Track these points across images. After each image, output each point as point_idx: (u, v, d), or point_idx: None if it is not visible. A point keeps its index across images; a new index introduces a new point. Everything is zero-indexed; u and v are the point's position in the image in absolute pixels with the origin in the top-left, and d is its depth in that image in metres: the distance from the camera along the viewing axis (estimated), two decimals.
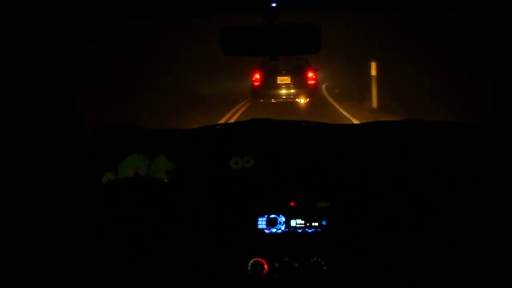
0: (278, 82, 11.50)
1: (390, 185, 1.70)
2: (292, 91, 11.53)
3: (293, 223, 1.71)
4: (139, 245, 1.62)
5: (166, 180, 1.81)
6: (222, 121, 9.43)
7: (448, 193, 1.66)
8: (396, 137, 1.81)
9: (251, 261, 1.65)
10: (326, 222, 1.69)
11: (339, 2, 1.79)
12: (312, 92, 11.62)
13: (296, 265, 1.64)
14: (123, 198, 1.63)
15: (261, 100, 11.77)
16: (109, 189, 1.71)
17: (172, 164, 1.82)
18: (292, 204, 1.74)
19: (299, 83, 11.50)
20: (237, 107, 12.09)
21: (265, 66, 11.43)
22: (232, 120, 9.58)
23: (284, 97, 11.52)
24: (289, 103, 11.72)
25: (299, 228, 1.70)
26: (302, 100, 11.74)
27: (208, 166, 1.79)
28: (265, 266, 1.64)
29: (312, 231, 1.69)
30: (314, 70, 11.75)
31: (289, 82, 11.50)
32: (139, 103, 9.40)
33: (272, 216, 1.71)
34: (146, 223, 1.62)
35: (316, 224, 1.69)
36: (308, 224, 1.70)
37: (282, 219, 1.71)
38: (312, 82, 11.56)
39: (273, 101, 11.59)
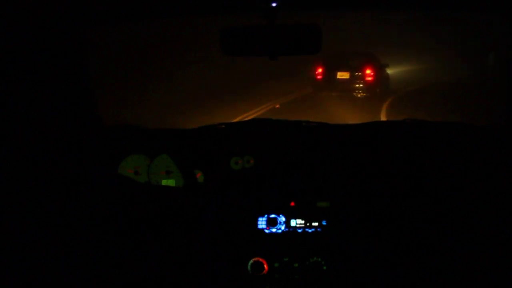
0: (338, 77, 11.81)
1: (390, 185, 1.70)
2: (349, 86, 11.79)
3: (293, 223, 1.71)
4: (139, 245, 1.62)
5: (167, 180, 1.82)
6: None
7: (448, 193, 1.66)
8: (396, 137, 1.81)
9: (251, 261, 1.65)
10: (326, 222, 1.69)
11: (340, 2, 1.79)
12: (369, 89, 11.81)
13: (296, 265, 1.65)
14: (123, 198, 1.63)
15: (322, 93, 12.07)
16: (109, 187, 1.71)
17: (173, 164, 1.82)
18: (292, 204, 1.74)
19: (357, 80, 11.74)
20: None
21: (327, 60, 11.75)
22: None
23: (342, 91, 11.77)
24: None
25: (299, 228, 1.70)
26: (359, 96, 11.90)
27: (208, 166, 1.79)
28: (265, 266, 1.64)
29: (312, 231, 1.69)
30: (376, 68, 11.92)
31: (348, 77, 11.76)
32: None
33: (272, 216, 1.71)
34: (146, 223, 1.62)
35: (316, 224, 1.69)
36: (308, 224, 1.70)
37: (282, 219, 1.71)
38: (369, 79, 11.76)
39: (333, 94, 11.82)
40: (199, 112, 9.18)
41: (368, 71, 11.78)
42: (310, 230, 1.69)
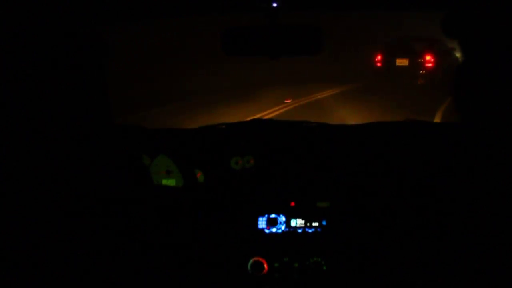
0: (397, 64, 11.52)
1: (390, 185, 1.71)
2: (409, 73, 11.40)
3: (293, 223, 1.71)
4: (139, 245, 1.62)
5: (167, 180, 1.82)
6: None
7: (448, 193, 1.66)
8: (396, 138, 1.81)
9: (251, 261, 1.65)
10: (326, 222, 1.69)
11: (340, 2, 1.79)
12: (429, 76, 11.33)
13: (296, 265, 1.65)
14: (124, 197, 1.64)
15: (382, 81, 11.68)
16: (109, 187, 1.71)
17: (173, 164, 1.82)
18: (292, 204, 1.74)
19: (417, 66, 11.36)
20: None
21: (386, 47, 11.55)
22: None
23: (402, 78, 11.39)
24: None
25: (299, 228, 1.70)
26: (418, 83, 11.47)
27: (209, 166, 1.80)
28: (265, 266, 1.65)
29: (312, 231, 1.69)
30: (438, 53, 11.40)
31: (407, 64, 11.44)
32: None
33: (272, 216, 1.71)
34: (146, 222, 1.63)
35: (316, 224, 1.70)
36: (308, 224, 1.70)
37: (282, 219, 1.71)
38: (429, 65, 11.33)
39: (391, 83, 11.40)
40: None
41: (428, 57, 11.28)
42: (310, 230, 1.69)
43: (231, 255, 1.68)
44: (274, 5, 1.53)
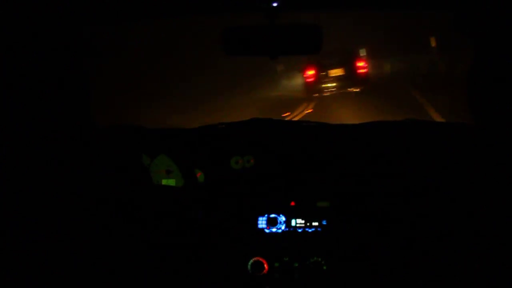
0: (332, 74, 11.58)
1: (390, 184, 1.71)
2: (344, 82, 11.54)
3: (293, 222, 1.71)
4: (139, 244, 1.62)
5: (167, 180, 1.82)
6: None
7: (448, 193, 1.66)
8: (396, 137, 1.81)
9: (251, 261, 1.65)
10: (326, 222, 1.69)
11: (340, 2, 1.79)
12: (364, 81, 11.66)
13: (296, 264, 1.65)
14: (122, 196, 1.63)
15: (315, 95, 11.81)
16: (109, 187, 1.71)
17: (173, 163, 1.82)
18: (292, 203, 1.74)
19: (351, 74, 11.54)
20: None
21: (316, 61, 11.56)
22: None
23: (337, 89, 11.56)
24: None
25: (299, 227, 1.70)
26: (354, 90, 11.69)
27: (209, 165, 1.79)
28: (265, 265, 1.64)
29: (312, 231, 1.69)
30: (366, 60, 11.90)
31: (342, 73, 11.56)
32: None
33: (272, 215, 1.71)
34: (146, 222, 1.62)
35: (316, 224, 1.69)
36: (308, 224, 1.70)
37: (282, 218, 1.71)
38: (363, 71, 11.64)
39: (327, 94, 11.60)
40: None
41: (361, 63, 11.63)
42: (310, 230, 1.69)
43: (231, 255, 1.67)
44: (274, 4, 1.53)
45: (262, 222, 1.71)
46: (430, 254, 1.62)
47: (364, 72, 11.71)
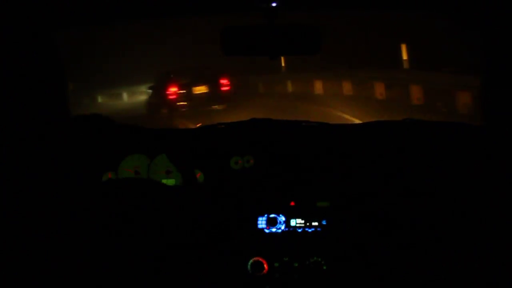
0: (195, 92, 11.39)
1: (390, 185, 1.70)
2: (208, 100, 11.33)
3: (293, 222, 1.71)
4: (138, 244, 1.62)
5: (167, 180, 1.82)
6: None
7: (448, 193, 1.66)
8: (396, 137, 1.81)
9: (251, 261, 1.65)
10: (326, 222, 1.69)
11: (339, 2, 1.79)
12: (227, 99, 11.59)
13: (296, 264, 1.65)
14: (122, 197, 1.63)
15: (177, 111, 11.32)
16: (108, 187, 1.71)
17: (172, 164, 1.82)
18: (292, 203, 1.74)
19: (214, 92, 11.45)
20: None
21: (177, 77, 11.39)
22: None
23: (200, 107, 11.20)
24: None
25: (299, 227, 1.70)
26: (217, 107, 11.47)
27: (208, 166, 1.79)
28: (265, 265, 1.64)
29: (312, 231, 1.69)
30: (229, 77, 11.83)
31: (206, 91, 11.43)
32: None
33: (272, 215, 1.71)
34: (145, 222, 1.62)
35: (316, 224, 1.69)
36: (308, 224, 1.70)
37: (282, 218, 1.71)
38: (226, 88, 11.65)
39: (187, 110, 11.20)
40: None
41: (224, 81, 11.61)
42: (310, 230, 1.69)
43: (231, 255, 1.67)
44: (273, 4, 1.53)
45: (262, 222, 1.71)
46: (430, 254, 1.61)
47: (227, 89, 11.66)
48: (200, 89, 11.41)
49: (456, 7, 1.59)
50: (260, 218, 1.71)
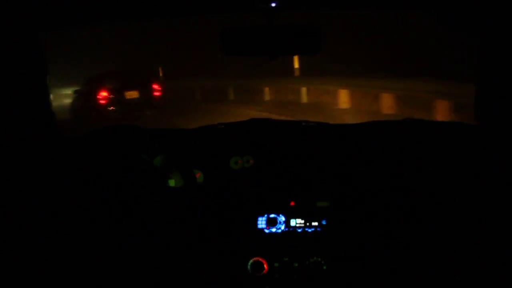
0: (127, 97, 11.33)
1: (390, 185, 1.70)
2: (140, 104, 11.25)
3: (293, 222, 1.71)
4: (138, 245, 1.62)
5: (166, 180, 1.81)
6: None
7: (448, 193, 1.66)
8: (396, 137, 1.81)
9: (251, 261, 1.65)
10: (326, 222, 1.69)
11: (339, 2, 1.79)
12: (159, 104, 11.67)
13: (296, 264, 1.65)
14: (122, 196, 1.63)
15: (108, 116, 11.17)
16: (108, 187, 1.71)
17: (172, 164, 1.82)
18: (292, 203, 1.74)
19: (146, 97, 11.45)
20: None
21: (108, 81, 11.30)
22: None
23: (132, 111, 11.05)
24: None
25: (299, 227, 1.70)
26: (148, 113, 11.39)
27: (208, 166, 1.79)
28: (265, 265, 1.64)
29: (312, 231, 1.69)
30: (160, 83, 11.96)
31: (137, 96, 11.38)
32: None
33: (272, 215, 1.71)
34: (146, 223, 1.62)
35: (316, 224, 1.69)
36: (308, 224, 1.70)
37: (282, 218, 1.71)
38: (157, 94, 11.73)
39: (118, 114, 11.03)
40: None
41: (156, 86, 11.70)
42: (310, 230, 1.69)
43: (231, 255, 1.68)
44: (273, 4, 1.53)
45: (261, 222, 1.71)
46: (430, 254, 1.62)
47: (159, 95, 11.75)
48: (132, 94, 11.35)
49: (454, 7, 1.59)
50: (260, 218, 1.71)
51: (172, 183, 1.84)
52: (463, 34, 1.58)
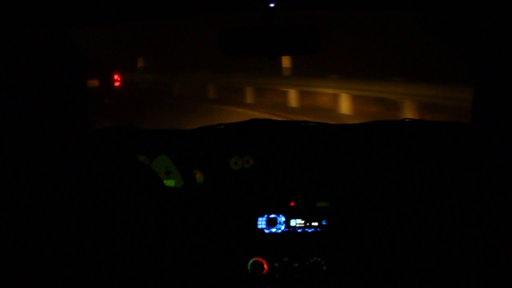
0: (88, 85, 11.30)
1: (390, 185, 1.70)
2: (100, 94, 11.17)
3: (293, 223, 1.71)
4: (138, 245, 1.62)
5: (166, 181, 1.81)
6: None
7: (448, 193, 1.66)
8: (396, 137, 1.81)
9: (251, 261, 1.65)
10: (326, 222, 1.69)
11: (338, 2, 1.79)
12: (118, 94, 11.65)
13: (296, 265, 1.65)
14: (122, 196, 1.63)
15: None
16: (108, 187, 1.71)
17: (172, 164, 1.82)
18: (292, 204, 1.74)
19: (106, 86, 11.42)
20: None
21: None
22: None
23: (92, 100, 11.17)
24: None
25: (299, 228, 1.70)
26: (110, 103, 11.31)
27: (208, 166, 1.80)
28: (265, 266, 1.65)
29: (312, 231, 1.69)
30: (121, 72, 11.94)
31: (97, 85, 11.28)
32: None
33: (272, 216, 1.71)
34: (146, 223, 1.62)
35: (316, 224, 1.70)
36: (308, 224, 1.70)
37: (282, 219, 1.71)
38: (117, 84, 11.76)
39: None
40: None
41: (116, 77, 11.71)
42: (310, 230, 1.69)
43: (231, 255, 1.68)
44: (271, 5, 1.53)
45: (261, 223, 1.71)
46: (430, 254, 1.62)
47: (118, 85, 11.76)
48: (93, 83, 11.18)
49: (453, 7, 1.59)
50: (260, 219, 1.71)
51: (172, 183, 1.84)
52: (452, 45, 1.58)
